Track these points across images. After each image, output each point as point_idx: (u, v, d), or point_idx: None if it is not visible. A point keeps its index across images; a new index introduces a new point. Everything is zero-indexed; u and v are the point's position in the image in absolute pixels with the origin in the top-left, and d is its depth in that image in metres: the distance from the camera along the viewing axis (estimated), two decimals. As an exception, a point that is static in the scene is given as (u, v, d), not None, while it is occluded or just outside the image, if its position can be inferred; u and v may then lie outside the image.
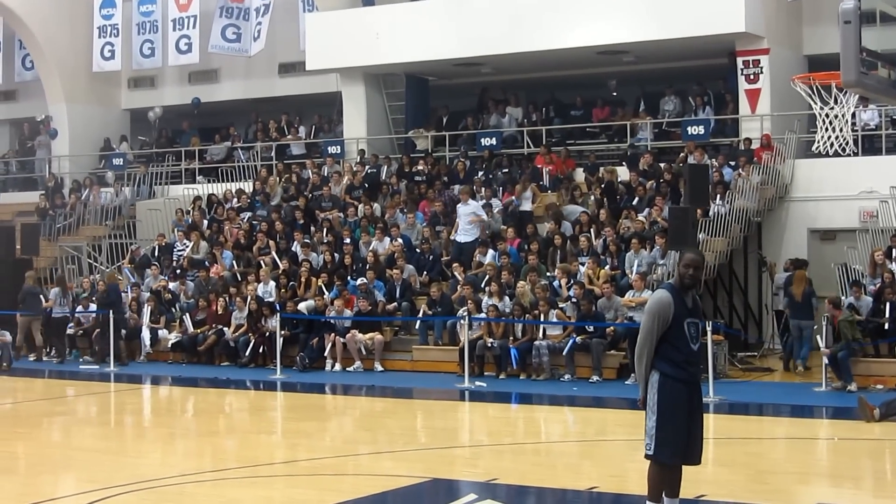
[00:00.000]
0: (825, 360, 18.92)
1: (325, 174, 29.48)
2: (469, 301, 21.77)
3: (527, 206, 25.85)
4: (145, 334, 25.15)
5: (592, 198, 25.42)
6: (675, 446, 8.88)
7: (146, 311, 25.36)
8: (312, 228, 26.94)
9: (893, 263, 21.06)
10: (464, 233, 24.82)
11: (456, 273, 23.57)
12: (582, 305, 21.03)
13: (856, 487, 12.04)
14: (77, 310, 26.23)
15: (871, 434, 14.88)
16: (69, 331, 26.15)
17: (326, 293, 24.00)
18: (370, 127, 31.28)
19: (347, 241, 25.77)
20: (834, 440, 15.43)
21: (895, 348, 19.66)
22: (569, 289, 21.93)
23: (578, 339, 20.86)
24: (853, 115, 20.49)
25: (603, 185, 25.75)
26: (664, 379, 8.88)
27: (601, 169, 26.69)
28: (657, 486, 9.01)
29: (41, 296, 26.38)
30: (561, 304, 21.57)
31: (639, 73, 29.69)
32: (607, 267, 22.61)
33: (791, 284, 21.13)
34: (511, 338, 21.44)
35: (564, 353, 20.75)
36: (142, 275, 27.60)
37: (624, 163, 27.03)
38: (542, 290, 21.47)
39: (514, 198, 25.91)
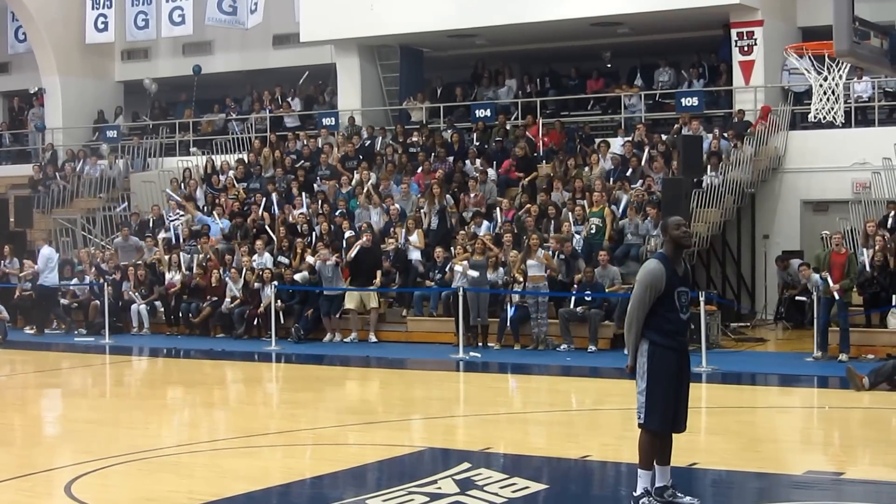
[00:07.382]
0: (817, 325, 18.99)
1: (319, 145, 29.47)
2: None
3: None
4: (136, 308, 25.21)
5: (587, 169, 25.42)
6: (665, 414, 8.94)
7: (131, 284, 25.50)
8: (308, 199, 26.93)
9: (887, 232, 21.07)
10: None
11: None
12: (586, 274, 21.07)
13: (846, 455, 12.13)
14: (73, 282, 26.40)
15: (860, 402, 14.98)
16: (63, 301, 26.27)
17: (321, 264, 24.01)
18: (364, 98, 31.25)
19: (343, 211, 25.79)
20: (825, 409, 15.53)
21: (886, 318, 19.72)
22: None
23: (579, 310, 20.97)
24: (846, 87, 20.43)
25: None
26: (654, 347, 8.92)
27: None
28: (648, 455, 9.04)
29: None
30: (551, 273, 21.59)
31: (633, 44, 29.66)
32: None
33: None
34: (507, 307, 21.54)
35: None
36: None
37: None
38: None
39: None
